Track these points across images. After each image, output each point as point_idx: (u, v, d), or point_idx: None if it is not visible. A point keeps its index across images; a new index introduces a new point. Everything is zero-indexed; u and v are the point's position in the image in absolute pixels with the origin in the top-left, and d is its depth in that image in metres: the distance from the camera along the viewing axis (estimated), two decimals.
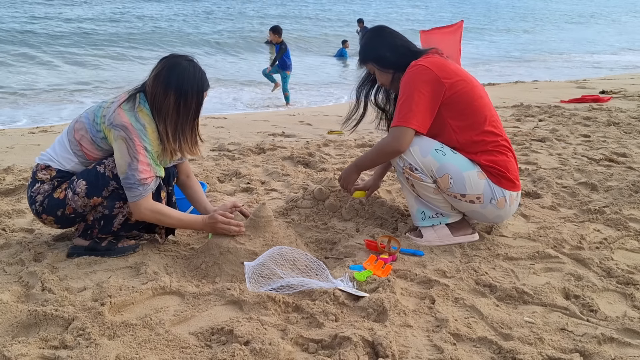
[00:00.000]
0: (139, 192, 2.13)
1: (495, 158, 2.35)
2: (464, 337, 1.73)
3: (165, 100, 2.15)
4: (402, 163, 2.38)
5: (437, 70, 2.32)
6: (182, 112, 2.17)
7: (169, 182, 2.41)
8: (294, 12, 27.85)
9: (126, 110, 2.14)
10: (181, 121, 2.19)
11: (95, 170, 2.19)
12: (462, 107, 2.34)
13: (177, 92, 2.14)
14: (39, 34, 14.49)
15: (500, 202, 2.37)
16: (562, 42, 22.59)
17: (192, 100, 2.18)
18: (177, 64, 2.17)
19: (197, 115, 2.24)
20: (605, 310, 1.91)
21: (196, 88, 2.17)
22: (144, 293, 1.95)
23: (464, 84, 2.35)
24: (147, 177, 2.13)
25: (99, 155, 2.23)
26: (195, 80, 2.17)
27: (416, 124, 2.30)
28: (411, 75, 2.34)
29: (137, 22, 19.24)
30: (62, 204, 2.20)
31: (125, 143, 2.10)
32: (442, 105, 2.33)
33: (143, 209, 2.16)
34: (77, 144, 2.22)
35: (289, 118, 6.49)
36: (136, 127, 2.12)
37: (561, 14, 39.26)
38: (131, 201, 2.16)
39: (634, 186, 3.21)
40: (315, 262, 2.09)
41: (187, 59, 2.22)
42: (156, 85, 2.16)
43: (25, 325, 1.74)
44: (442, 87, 2.30)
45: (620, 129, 5.25)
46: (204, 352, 1.62)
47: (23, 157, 4.11)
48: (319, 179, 3.40)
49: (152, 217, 2.20)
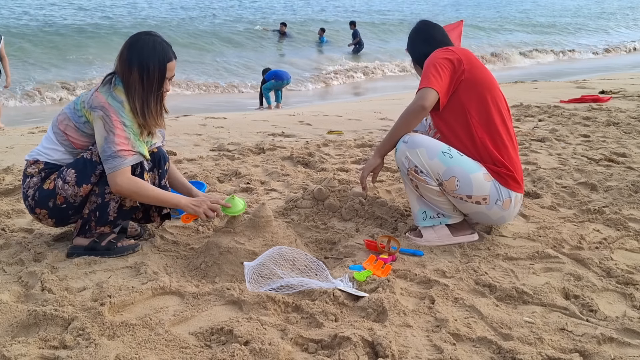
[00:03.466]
0: (115, 163, 2.15)
1: (509, 157, 2.40)
2: (463, 337, 1.73)
3: (131, 76, 2.21)
4: (407, 164, 2.38)
5: (461, 54, 2.44)
6: (146, 86, 2.22)
7: (159, 166, 2.42)
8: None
9: (103, 92, 2.20)
10: (146, 94, 2.23)
11: (83, 158, 2.24)
12: (480, 90, 2.40)
13: (139, 67, 2.20)
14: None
15: (506, 203, 2.38)
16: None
17: (154, 73, 2.22)
18: (137, 40, 2.23)
19: (161, 87, 2.27)
20: (605, 310, 1.91)
21: (157, 60, 2.22)
22: (143, 293, 1.95)
23: (482, 70, 2.46)
24: (123, 150, 2.16)
25: (84, 141, 2.26)
26: (156, 53, 2.21)
27: (438, 87, 2.36)
28: (435, 53, 2.47)
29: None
30: (52, 194, 2.22)
31: (102, 120, 2.16)
32: (461, 88, 2.40)
33: (119, 180, 2.16)
34: (63, 134, 2.26)
35: (288, 118, 6.49)
36: (113, 104, 2.18)
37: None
38: (108, 173, 2.17)
39: (633, 186, 3.21)
40: (315, 262, 2.09)
41: (147, 33, 2.28)
42: (121, 64, 2.23)
43: (25, 325, 1.74)
44: (461, 67, 2.40)
45: (619, 129, 5.25)
46: (203, 352, 1.62)
47: (23, 157, 4.09)
48: (318, 179, 3.40)
49: (129, 191, 2.20)
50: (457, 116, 2.41)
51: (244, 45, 16.24)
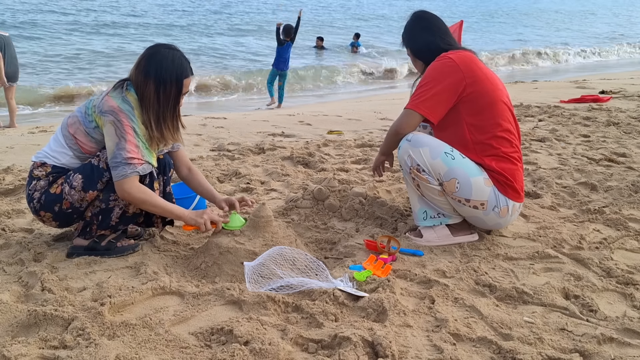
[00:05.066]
0: (124, 171, 2.13)
1: (504, 165, 2.36)
2: (463, 337, 1.73)
3: (146, 88, 2.18)
4: (410, 162, 2.38)
5: (463, 65, 2.34)
6: (162, 100, 2.20)
7: (164, 172, 2.42)
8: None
9: (114, 97, 2.18)
10: (162, 109, 2.21)
11: (90, 163, 2.22)
12: (482, 106, 2.35)
13: (156, 80, 2.17)
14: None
15: (503, 211, 2.38)
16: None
17: (171, 88, 2.20)
18: (156, 52, 2.20)
19: (178, 103, 2.26)
20: (605, 310, 1.91)
21: (175, 76, 2.19)
22: (143, 293, 1.95)
23: (487, 83, 2.36)
24: (134, 157, 2.14)
25: (93, 147, 2.25)
26: (174, 68, 2.19)
27: (425, 111, 2.34)
28: (436, 66, 2.39)
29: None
30: (58, 199, 2.21)
31: (114, 125, 2.13)
32: (461, 102, 2.35)
33: (127, 187, 2.14)
34: (72, 137, 2.24)
35: (288, 118, 6.49)
36: (124, 108, 2.15)
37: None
38: (115, 180, 2.15)
39: (633, 186, 3.21)
40: (315, 262, 2.09)
41: (168, 47, 2.24)
42: (137, 74, 2.20)
43: (25, 325, 1.74)
44: (463, 82, 2.32)
45: (619, 129, 5.25)
46: (203, 352, 1.62)
47: (23, 157, 4.11)
48: (318, 179, 3.39)
49: (137, 199, 2.18)
50: (454, 130, 2.40)
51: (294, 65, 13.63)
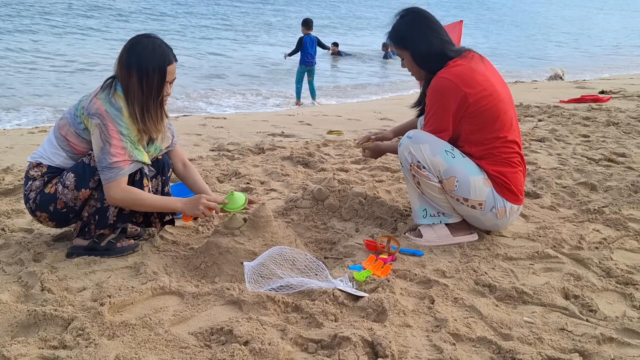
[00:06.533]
0: (110, 174, 2.13)
1: (503, 169, 2.36)
2: (463, 337, 1.73)
3: (130, 81, 2.17)
4: (410, 159, 2.38)
5: (463, 84, 2.29)
6: (145, 90, 2.19)
7: (163, 172, 2.42)
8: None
9: (102, 99, 2.17)
10: (145, 98, 2.19)
11: (82, 162, 2.23)
12: (483, 122, 2.34)
13: (139, 71, 2.16)
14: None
15: (501, 212, 2.38)
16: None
17: (154, 76, 2.18)
18: (136, 42, 2.20)
19: (161, 91, 2.24)
20: (604, 310, 1.91)
21: (157, 64, 2.18)
22: (143, 293, 1.95)
23: (490, 99, 2.32)
24: (119, 161, 2.14)
25: (85, 147, 2.25)
26: (155, 56, 2.18)
27: (447, 137, 2.38)
28: (437, 89, 2.33)
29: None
30: (53, 199, 2.22)
31: (99, 129, 2.13)
32: (464, 117, 2.34)
33: (112, 192, 2.15)
34: (64, 139, 2.25)
35: (288, 118, 6.49)
36: (111, 112, 2.15)
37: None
38: (104, 184, 2.16)
39: (633, 186, 3.21)
40: (314, 262, 2.09)
41: (147, 36, 2.23)
42: (120, 68, 2.19)
43: (24, 325, 1.74)
44: (466, 103, 2.30)
45: (619, 129, 5.25)
46: (203, 352, 1.62)
47: (23, 157, 4.10)
48: (318, 179, 3.39)
49: (124, 202, 2.18)
50: (452, 142, 2.40)
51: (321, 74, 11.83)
